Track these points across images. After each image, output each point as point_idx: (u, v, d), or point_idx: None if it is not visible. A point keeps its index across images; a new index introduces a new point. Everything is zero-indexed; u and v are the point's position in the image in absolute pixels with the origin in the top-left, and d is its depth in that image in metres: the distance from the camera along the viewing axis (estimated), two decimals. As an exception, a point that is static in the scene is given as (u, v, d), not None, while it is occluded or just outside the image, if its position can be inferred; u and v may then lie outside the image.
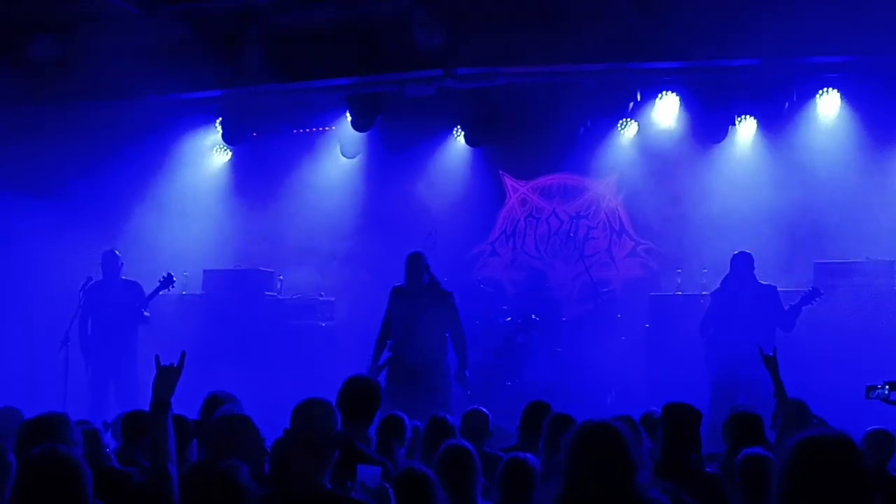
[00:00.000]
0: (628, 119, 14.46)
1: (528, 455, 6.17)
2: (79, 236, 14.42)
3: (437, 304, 10.70)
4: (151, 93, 13.64)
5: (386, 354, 10.84)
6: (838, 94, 13.40)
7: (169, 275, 13.13)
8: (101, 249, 13.47)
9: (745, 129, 14.17)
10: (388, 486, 5.01)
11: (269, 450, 6.32)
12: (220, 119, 14.97)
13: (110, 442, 7.27)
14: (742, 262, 11.87)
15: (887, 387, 6.53)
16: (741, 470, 5.55)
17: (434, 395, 10.30)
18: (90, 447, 6.02)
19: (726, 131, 13.93)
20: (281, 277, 15.29)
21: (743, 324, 11.33)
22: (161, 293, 13.21)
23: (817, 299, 11.62)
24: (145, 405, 6.48)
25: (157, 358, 5.31)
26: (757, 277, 11.92)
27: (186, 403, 5.41)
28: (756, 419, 6.69)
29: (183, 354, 5.32)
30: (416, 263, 10.80)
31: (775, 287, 11.93)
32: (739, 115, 13.94)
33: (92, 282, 13.04)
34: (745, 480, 5.52)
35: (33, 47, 13.18)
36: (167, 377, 5.25)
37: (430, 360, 10.52)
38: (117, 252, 13.32)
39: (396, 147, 15.35)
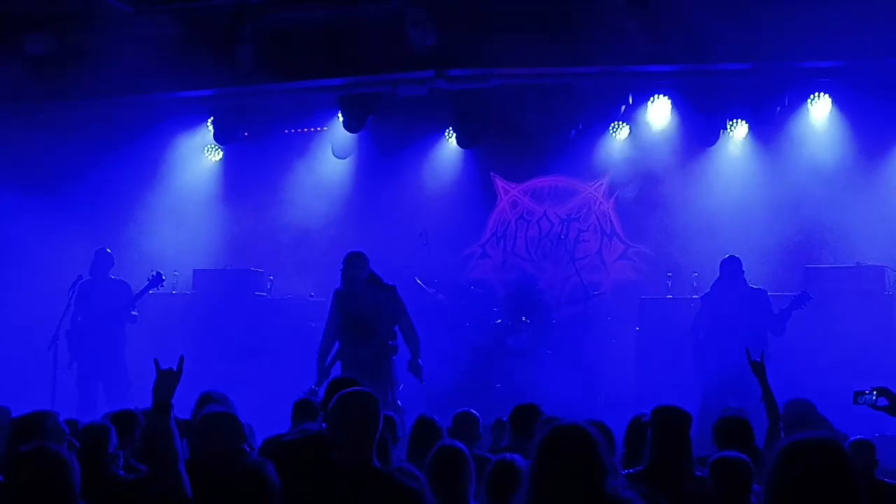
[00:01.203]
0: (620, 122, 14.49)
1: (516, 457, 6.15)
2: (69, 234, 14.40)
3: (380, 300, 10.62)
4: (143, 92, 13.61)
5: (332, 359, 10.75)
6: (829, 99, 13.43)
7: (158, 273, 13.11)
8: (91, 247, 13.44)
9: (737, 134, 14.19)
10: None
11: (256, 446, 6.33)
12: (212, 119, 14.94)
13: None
14: (732, 266, 11.88)
15: (875, 392, 6.51)
16: (712, 471, 5.55)
17: (381, 392, 10.15)
18: (98, 451, 5.99)
19: (718, 135, 13.94)
20: (271, 277, 15.27)
21: (733, 328, 11.32)
22: (150, 292, 13.20)
23: (807, 303, 11.62)
24: (135, 403, 6.47)
25: (156, 361, 5.35)
26: (747, 281, 11.93)
27: (177, 402, 5.41)
28: (744, 424, 6.68)
29: (181, 359, 5.38)
30: (350, 265, 10.68)
31: (765, 291, 11.93)
32: (731, 120, 13.95)
33: (81, 280, 13.00)
34: (716, 482, 5.51)
35: (27, 44, 13.13)
36: (167, 380, 5.30)
37: (374, 358, 10.44)
38: (108, 251, 13.29)
39: (388, 148, 15.36)
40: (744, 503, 5.41)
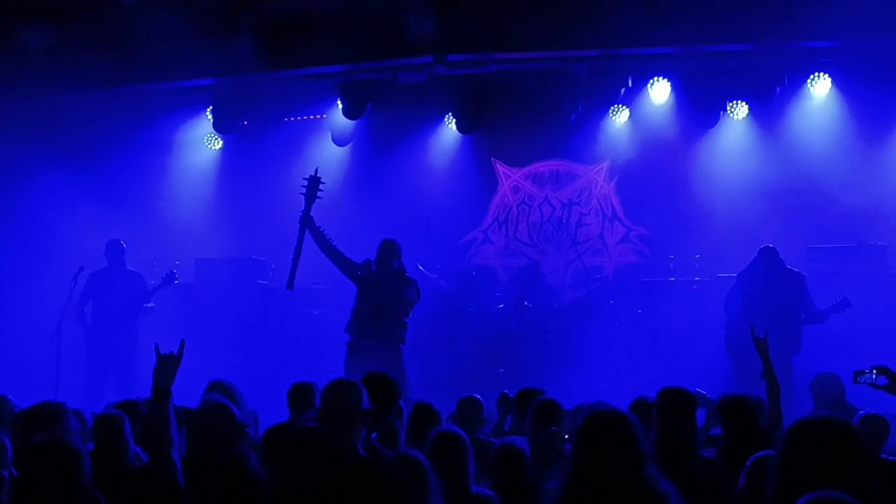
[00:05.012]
0: (620, 105, 14.46)
1: (519, 439, 6.18)
2: (70, 225, 14.40)
3: (401, 289, 10.77)
4: (142, 82, 13.60)
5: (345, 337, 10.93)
6: (829, 79, 13.41)
7: (171, 272, 13.17)
8: (92, 239, 13.44)
9: (737, 115, 14.15)
10: None
11: (260, 434, 6.34)
12: (211, 108, 14.93)
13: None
14: (769, 252, 11.79)
15: (875, 371, 6.51)
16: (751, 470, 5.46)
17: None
18: (114, 439, 5.98)
19: (718, 117, 13.94)
20: (273, 266, 15.26)
21: (766, 306, 11.22)
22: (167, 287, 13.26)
23: (846, 310, 11.52)
24: (139, 395, 6.47)
25: (156, 347, 5.36)
26: (784, 262, 11.85)
27: (181, 391, 5.42)
28: (749, 403, 6.62)
29: (182, 343, 5.41)
30: (387, 250, 10.85)
31: (803, 274, 11.86)
32: (731, 101, 13.92)
33: (93, 270, 13.01)
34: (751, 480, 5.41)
35: (27, 35, 13.11)
36: (167, 365, 5.32)
37: (387, 343, 10.61)
38: (122, 242, 13.28)
39: (388, 135, 15.34)
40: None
